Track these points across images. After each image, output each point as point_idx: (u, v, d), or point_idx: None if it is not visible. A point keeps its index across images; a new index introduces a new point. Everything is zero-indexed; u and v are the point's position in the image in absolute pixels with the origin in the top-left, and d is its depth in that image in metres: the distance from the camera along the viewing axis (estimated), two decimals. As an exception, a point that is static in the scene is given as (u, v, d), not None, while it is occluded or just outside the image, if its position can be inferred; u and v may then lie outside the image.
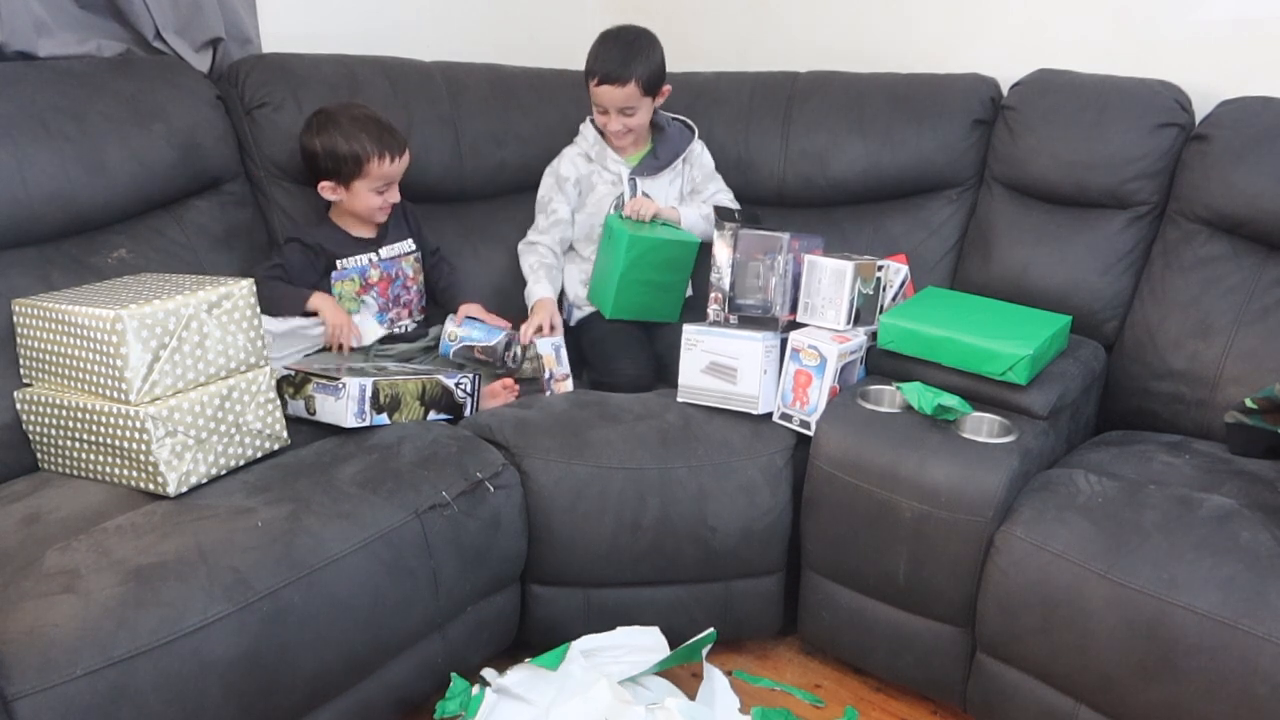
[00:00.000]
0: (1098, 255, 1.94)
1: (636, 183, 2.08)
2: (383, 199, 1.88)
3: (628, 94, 1.97)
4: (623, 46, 1.97)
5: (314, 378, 1.61)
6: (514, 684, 1.55)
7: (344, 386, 1.58)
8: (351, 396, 1.59)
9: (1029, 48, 2.14)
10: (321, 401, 1.61)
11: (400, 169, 1.88)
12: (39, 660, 1.12)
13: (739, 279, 1.81)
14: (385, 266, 1.95)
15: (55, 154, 1.64)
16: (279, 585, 1.30)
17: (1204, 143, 1.84)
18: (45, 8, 1.77)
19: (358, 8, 2.31)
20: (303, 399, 1.62)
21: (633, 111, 2.01)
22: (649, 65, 1.98)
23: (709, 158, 2.19)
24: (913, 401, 1.65)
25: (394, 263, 1.97)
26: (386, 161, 1.84)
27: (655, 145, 2.12)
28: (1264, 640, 1.24)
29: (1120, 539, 1.40)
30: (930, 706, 1.74)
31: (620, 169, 2.08)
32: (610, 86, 1.96)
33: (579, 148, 2.12)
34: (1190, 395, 1.81)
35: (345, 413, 1.59)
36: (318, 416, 1.62)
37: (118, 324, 1.36)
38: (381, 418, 1.64)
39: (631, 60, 1.96)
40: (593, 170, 2.09)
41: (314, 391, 1.61)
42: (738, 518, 1.68)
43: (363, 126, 1.83)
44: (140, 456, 1.40)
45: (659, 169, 2.10)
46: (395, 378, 1.66)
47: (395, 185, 1.89)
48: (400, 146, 1.87)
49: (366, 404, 1.61)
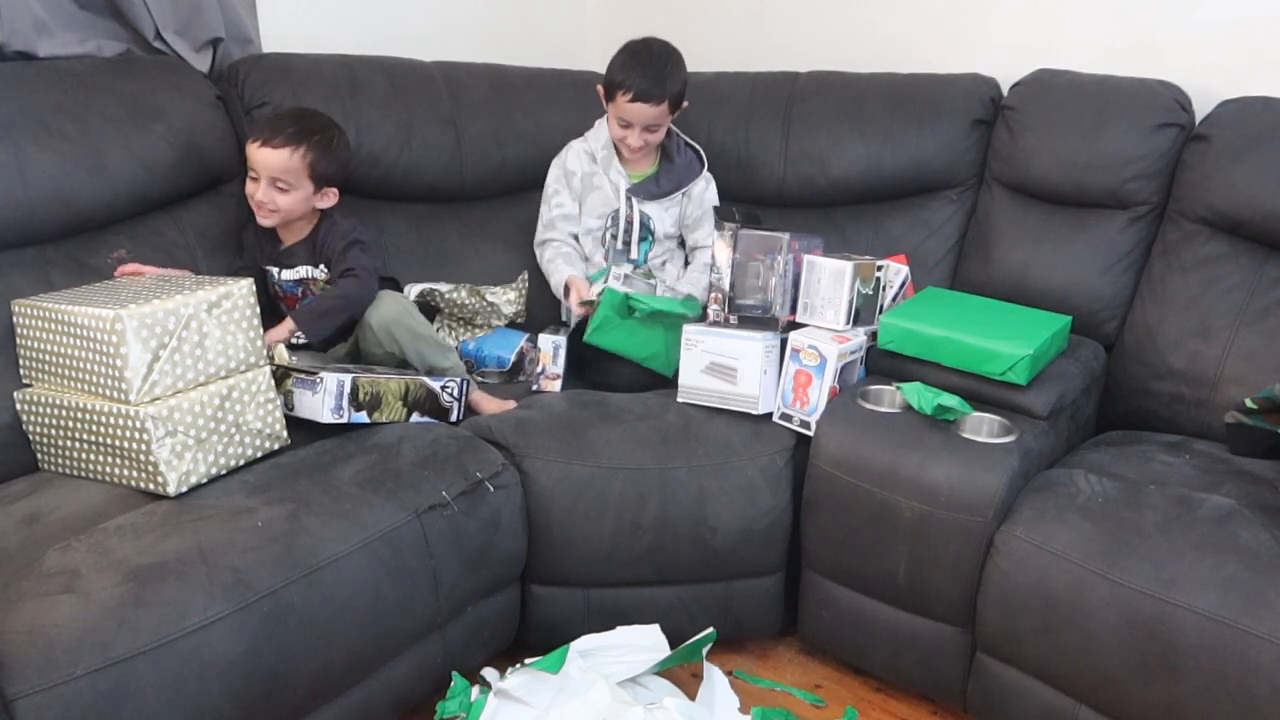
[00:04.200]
0: (1098, 255, 1.94)
1: (633, 201, 2.05)
2: (253, 188, 1.76)
3: (659, 112, 1.96)
4: (657, 64, 1.95)
5: (293, 373, 1.59)
6: (514, 687, 1.55)
7: (321, 381, 1.56)
8: (329, 391, 1.56)
9: (1029, 48, 2.14)
10: (299, 396, 1.58)
11: (266, 161, 1.73)
12: (39, 660, 1.12)
13: (739, 279, 1.81)
14: (288, 288, 1.87)
15: (55, 154, 1.64)
16: (279, 585, 1.30)
17: (1204, 143, 1.84)
18: (45, 8, 1.77)
19: (358, 8, 2.31)
20: (282, 394, 1.59)
21: (656, 128, 2.00)
22: (679, 83, 1.98)
23: (713, 194, 2.13)
24: (913, 401, 1.65)
25: (299, 285, 1.87)
26: (251, 140, 1.75)
27: (660, 171, 2.09)
28: (1264, 640, 1.24)
29: (1120, 539, 1.40)
30: (930, 706, 1.74)
31: (621, 181, 2.05)
32: (643, 104, 1.94)
33: (587, 144, 2.09)
34: (1190, 395, 1.81)
35: (322, 407, 1.56)
36: (295, 412, 1.59)
37: (117, 324, 1.36)
38: (360, 415, 1.62)
39: (666, 78, 1.95)
40: (595, 172, 2.07)
41: (293, 386, 1.59)
42: (738, 518, 1.68)
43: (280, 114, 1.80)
44: (140, 456, 1.40)
45: (657, 196, 2.07)
46: (378, 376, 1.65)
47: (265, 182, 1.74)
48: (274, 134, 1.73)
49: (345, 400, 1.59)
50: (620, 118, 1.98)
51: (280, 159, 1.73)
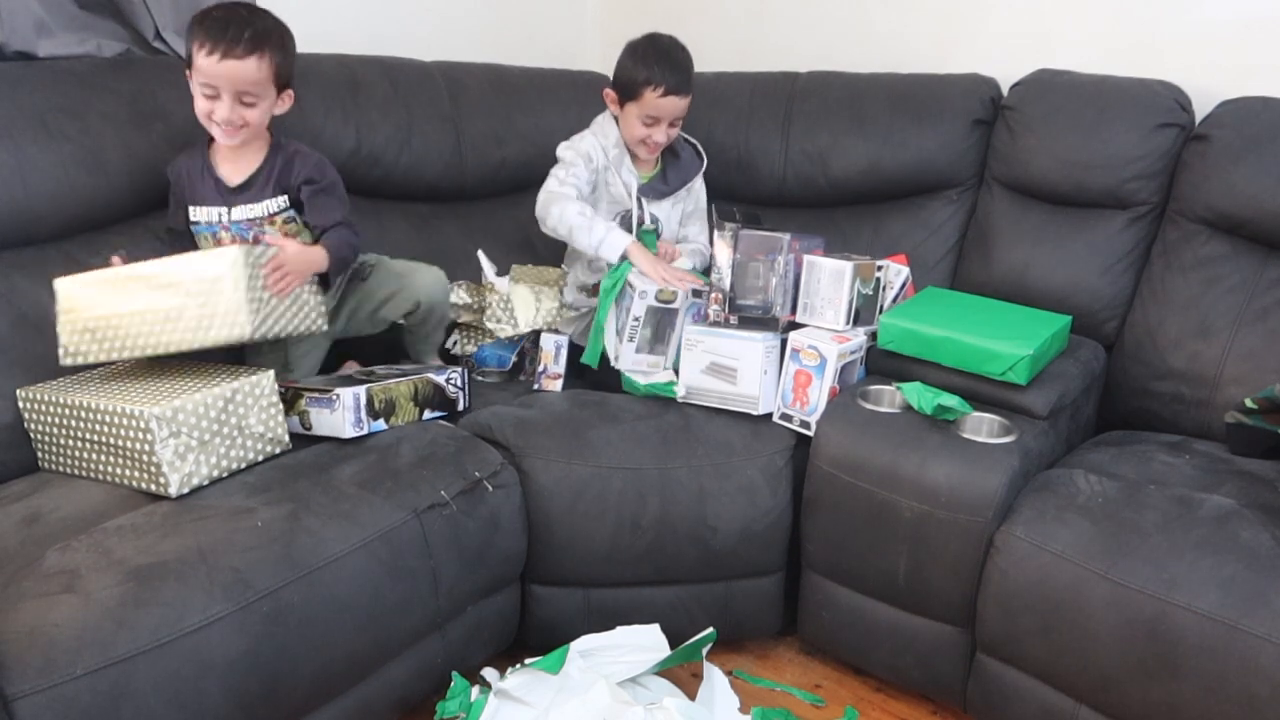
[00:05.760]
0: (1098, 255, 1.94)
1: (643, 202, 2.04)
2: (210, 107, 1.59)
3: (686, 104, 1.96)
4: (678, 56, 1.95)
5: (305, 392, 1.60)
6: (514, 687, 1.55)
7: (338, 398, 1.57)
8: (346, 406, 1.57)
9: (1029, 48, 2.14)
10: (316, 415, 1.59)
11: (229, 74, 1.56)
12: (39, 660, 1.12)
13: (739, 279, 1.81)
14: (238, 230, 1.67)
15: (55, 154, 1.64)
16: (279, 585, 1.30)
17: (1204, 143, 1.84)
18: (45, 8, 1.77)
19: (358, 8, 2.31)
20: (296, 414, 1.60)
21: (679, 122, 1.99)
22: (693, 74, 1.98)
23: (704, 192, 2.15)
24: (913, 401, 1.65)
25: (251, 226, 1.67)
26: (204, 53, 1.54)
27: (666, 168, 2.08)
28: (1264, 640, 1.24)
29: (1120, 539, 1.40)
30: (930, 706, 1.74)
31: (631, 181, 2.03)
32: (676, 97, 1.93)
33: (598, 140, 2.03)
34: (1190, 395, 1.81)
35: (343, 423, 1.58)
36: (315, 430, 1.60)
37: None
38: (379, 424, 1.63)
39: (690, 69, 1.95)
40: (607, 169, 2.03)
41: (307, 406, 1.60)
42: (738, 518, 1.68)
43: (210, 13, 1.59)
44: (143, 457, 1.40)
45: (665, 194, 2.06)
46: (386, 382, 1.66)
47: (229, 97, 1.58)
48: (232, 43, 1.55)
49: (363, 412, 1.60)
50: (647, 115, 1.94)
51: (249, 70, 1.57)
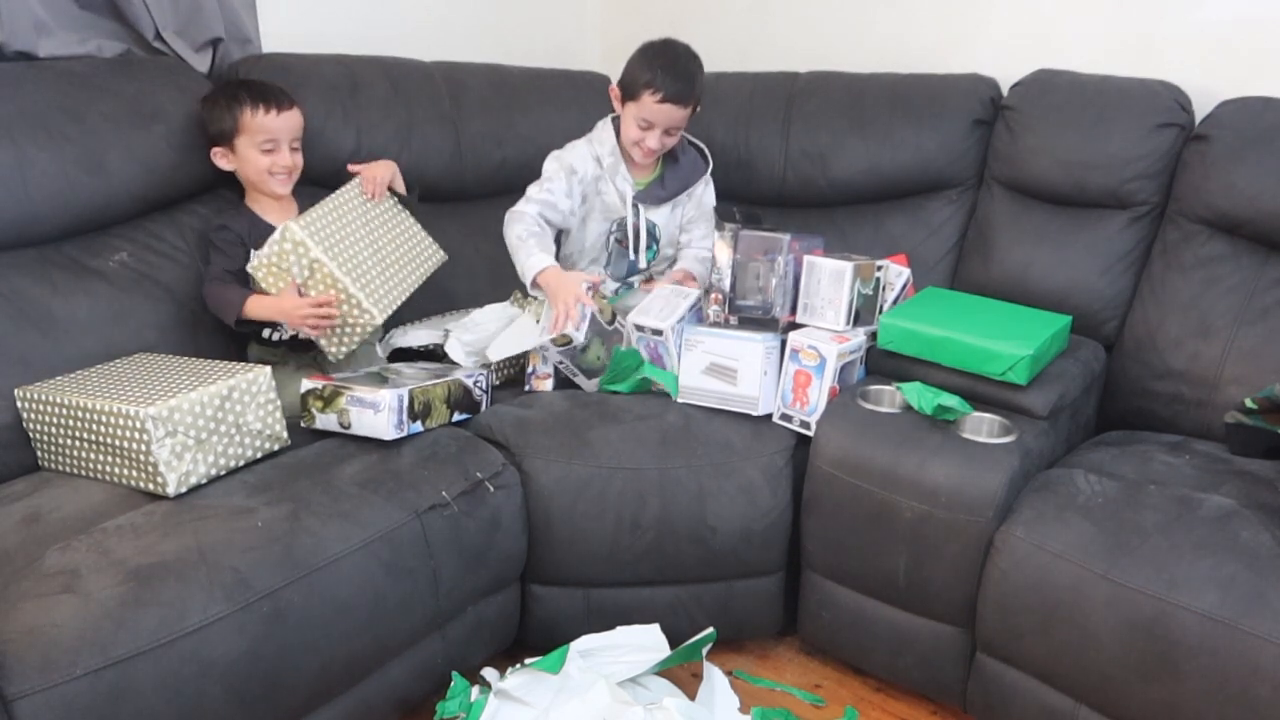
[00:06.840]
0: (1098, 255, 1.94)
1: (640, 209, 2.03)
2: (271, 159, 1.77)
3: (684, 115, 1.94)
4: (685, 65, 1.92)
5: (345, 390, 1.58)
6: (514, 687, 1.55)
7: (383, 399, 1.56)
8: (390, 408, 1.56)
9: (1029, 48, 2.14)
10: (358, 415, 1.58)
11: (286, 125, 1.78)
12: (39, 660, 1.12)
13: (739, 279, 1.81)
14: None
15: (55, 154, 1.64)
16: (279, 585, 1.30)
17: (1204, 143, 1.84)
18: (45, 8, 1.77)
19: (358, 8, 2.31)
20: (334, 413, 1.59)
21: (675, 131, 1.97)
22: (701, 87, 1.96)
23: (711, 196, 2.11)
24: (913, 401, 1.65)
25: None
26: (261, 112, 1.75)
27: (665, 173, 2.06)
28: (1264, 640, 1.24)
29: (1120, 539, 1.40)
30: (930, 706, 1.74)
31: (627, 189, 2.01)
32: (672, 106, 1.90)
33: (593, 148, 2.02)
34: (1190, 395, 1.81)
35: (386, 425, 1.56)
36: (354, 430, 1.59)
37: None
38: (416, 426, 1.62)
39: (694, 80, 1.92)
40: (600, 178, 2.01)
41: (348, 405, 1.58)
42: (738, 518, 1.68)
43: (242, 85, 1.79)
44: (140, 456, 1.40)
45: (663, 200, 2.05)
46: (425, 384, 1.65)
47: (286, 147, 1.79)
48: (280, 99, 1.78)
49: (404, 414, 1.59)
50: (643, 118, 1.92)
51: (298, 119, 1.82)
